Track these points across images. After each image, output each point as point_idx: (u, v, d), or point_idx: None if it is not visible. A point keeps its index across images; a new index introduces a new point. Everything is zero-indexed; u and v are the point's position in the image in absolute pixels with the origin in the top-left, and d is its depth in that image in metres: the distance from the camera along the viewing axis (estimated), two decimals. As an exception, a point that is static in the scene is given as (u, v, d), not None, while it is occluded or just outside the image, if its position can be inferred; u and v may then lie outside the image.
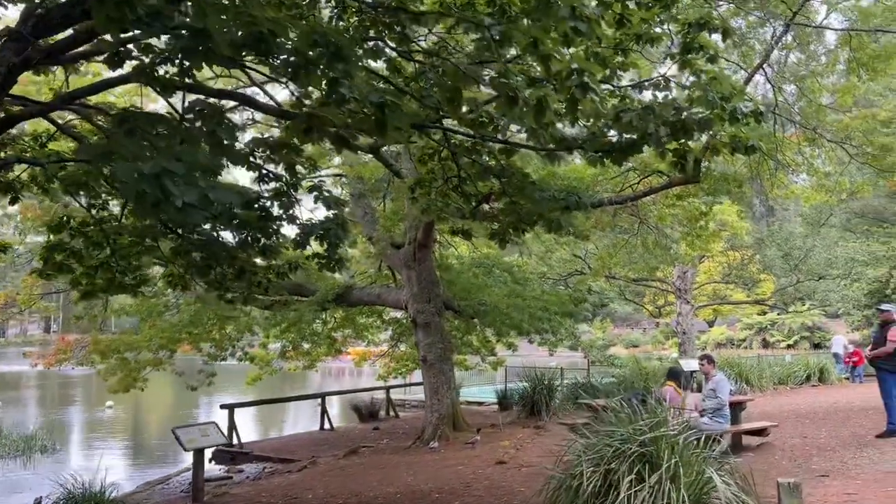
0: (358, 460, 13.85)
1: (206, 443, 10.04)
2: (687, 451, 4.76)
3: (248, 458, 16.37)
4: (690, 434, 4.93)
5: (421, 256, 15.44)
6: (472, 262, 21.48)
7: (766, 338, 62.35)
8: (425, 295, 15.21)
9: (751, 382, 18.83)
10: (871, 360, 9.89)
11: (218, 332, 16.67)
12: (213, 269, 9.00)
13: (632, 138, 7.10)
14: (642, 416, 4.96)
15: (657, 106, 7.00)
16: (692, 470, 4.62)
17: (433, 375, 15.00)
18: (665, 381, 9.47)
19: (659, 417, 4.94)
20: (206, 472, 15.83)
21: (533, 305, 17.49)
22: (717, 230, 20.31)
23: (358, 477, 11.58)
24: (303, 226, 8.12)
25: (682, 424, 5.04)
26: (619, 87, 7.54)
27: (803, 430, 10.81)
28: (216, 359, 16.59)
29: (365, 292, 16.90)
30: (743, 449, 9.72)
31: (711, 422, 9.20)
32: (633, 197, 13.33)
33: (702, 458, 4.79)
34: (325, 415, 19.62)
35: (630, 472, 4.56)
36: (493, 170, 7.21)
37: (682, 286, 24.30)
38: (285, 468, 14.43)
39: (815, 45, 13.36)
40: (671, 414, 8.35)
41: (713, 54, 6.97)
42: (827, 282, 32.70)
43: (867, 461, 7.56)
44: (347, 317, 18.64)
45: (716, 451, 4.97)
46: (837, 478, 6.74)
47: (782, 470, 7.64)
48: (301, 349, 18.57)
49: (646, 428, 4.78)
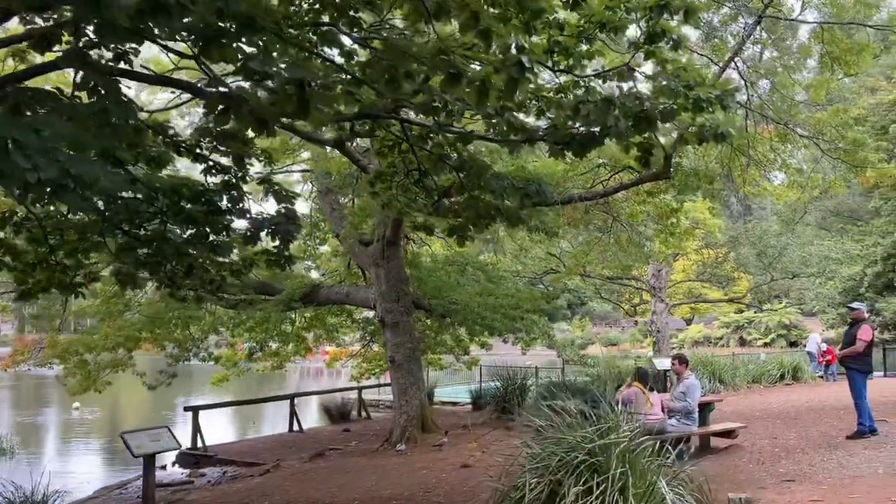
0: (323, 464, 13.48)
1: (156, 448, 9.62)
2: (639, 458, 4.46)
3: (213, 462, 15.94)
4: (644, 440, 4.62)
5: (390, 254, 15.08)
6: (446, 261, 21.16)
7: (742, 336, 62.75)
8: (394, 293, 14.85)
9: (724, 381, 18.67)
10: (842, 360, 9.68)
11: (181, 332, 16.20)
12: (163, 267, 8.62)
13: (592, 131, 6.82)
14: (593, 422, 4.65)
15: (619, 98, 6.73)
16: (643, 480, 4.32)
17: (402, 376, 14.66)
18: (631, 382, 9.21)
19: (610, 423, 4.63)
20: (168, 476, 15.50)
21: (505, 304, 17.22)
22: (691, 228, 20.15)
23: (320, 482, 11.21)
24: (252, 220, 7.77)
25: (635, 430, 4.73)
26: (582, 76, 7.23)
27: (773, 430, 10.60)
28: (179, 359, 16.11)
29: (333, 291, 16.51)
30: (711, 451, 9.49)
31: (679, 424, 8.94)
32: (604, 193, 13.07)
33: (655, 467, 4.48)
34: (295, 416, 19.19)
35: (577, 483, 4.26)
36: (449, 159, 6.88)
37: (656, 284, 24.14)
38: (248, 472, 14.03)
39: (789, 41, 13.16)
40: (633, 416, 8.09)
41: (676, 41, 6.69)
42: (802, 280, 32.78)
43: (835, 464, 7.33)
44: (316, 316, 18.22)
45: (670, 457, 4.66)
46: (804, 483, 6.49)
47: (748, 474, 7.39)
48: (269, 349, 18.15)
49: (594, 435, 4.48)
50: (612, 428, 4.58)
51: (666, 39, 6.82)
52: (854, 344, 9.33)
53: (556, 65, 7.08)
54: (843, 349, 9.62)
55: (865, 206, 34.33)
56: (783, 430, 10.50)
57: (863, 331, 9.35)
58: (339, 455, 14.55)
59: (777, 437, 9.77)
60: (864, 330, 9.37)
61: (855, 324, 9.58)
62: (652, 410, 8.70)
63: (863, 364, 9.41)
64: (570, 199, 12.74)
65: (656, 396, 8.99)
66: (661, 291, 24.27)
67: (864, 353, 9.37)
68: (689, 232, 19.48)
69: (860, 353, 9.33)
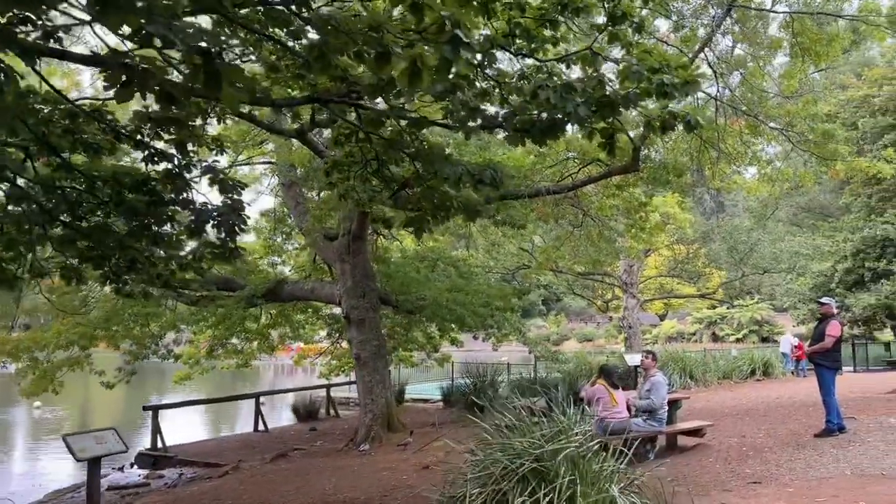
0: (284, 465, 13.07)
1: (101, 451, 9.14)
2: (592, 464, 4.14)
3: (172, 463, 15.48)
4: (596, 444, 4.30)
5: (356, 249, 14.68)
6: (416, 256, 20.82)
7: (715, 332, 63.21)
8: (359, 289, 14.46)
9: (695, 377, 18.55)
10: (810, 356, 9.47)
11: (139, 330, 15.67)
12: (108, 261, 8.19)
13: (553, 117, 6.50)
14: (543, 425, 4.32)
15: (581, 82, 6.43)
16: (595, 488, 4.00)
17: (367, 374, 14.28)
18: (595, 380, 8.92)
19: (560, 426, 4.31)
20: (125, 478, 15.01)
21: (475, 300, 16.91)
22: (662, 222, 19.98)
23: (277, 484, 10.81)
24: (196, 211, 7.35)
25: (588, 433, 4.41)
26: (545, 60, 6.91)
27: (742, 427, 10.40)
28: (137, 357, 15.58)
29: (298, 287, 16.06)
30: (678, 450, 9.25)
31: (645, 424, 8.68)
32: (572, 186, 12.79)
33: (609, 473, 4.17)
34: (260, 415, 18.74)
35: (522, 493, 3.93)
36: (401, 145, 6.53)
37: (628, 280, 23.96)
38: (207, 474, 13.61)
39: (761, 35, 12.97)
40: (593, 415, 7.80)
41: (639, 23, 6.41)
42: (773, 276, 32.85)
43: (803, 465, 7.10)
44: (281, 313, 17.76)
45: (622, 462, 4.35)
46: (769, 485, 6.24)
47: (714, 475, 7.13)
48: (231, 347, 17.69)
49: (542, 440, 4.15)
50: (563, 431, 4.26)
51: (629, 22, 6.56)
52: (823, 340, 9.13)
53: (519, 50, 6.78)
54: (812, 345, 9.42)
55: (836, 202, 34.53)
56: (752, 427, 10.30)
57: (832, 327, 9.15)
58: (303, 455, 14.16)
59: (745, 436, 9.55)
60: (833, 326, 9.17)
61: (824, 319, 9.39)
62: (616, 409, 8.43)
63: (832, 360, 9.21)
64: (537, 193, 12.45)
65: (621, 394, 8.71)
66: (633, 287, 24.11)
67: (833, 349, 9.17)
68: (659, 227, 19.30)
69: (829, 349, 9.13)
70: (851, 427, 9.05)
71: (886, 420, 9.42)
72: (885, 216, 30.36)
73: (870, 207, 31.60)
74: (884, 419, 9.51)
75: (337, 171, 8.35)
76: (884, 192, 30.91)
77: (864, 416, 9.89)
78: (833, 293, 32.10)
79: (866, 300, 30.90)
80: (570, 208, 15.68)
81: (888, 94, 29.91)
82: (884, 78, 30.46)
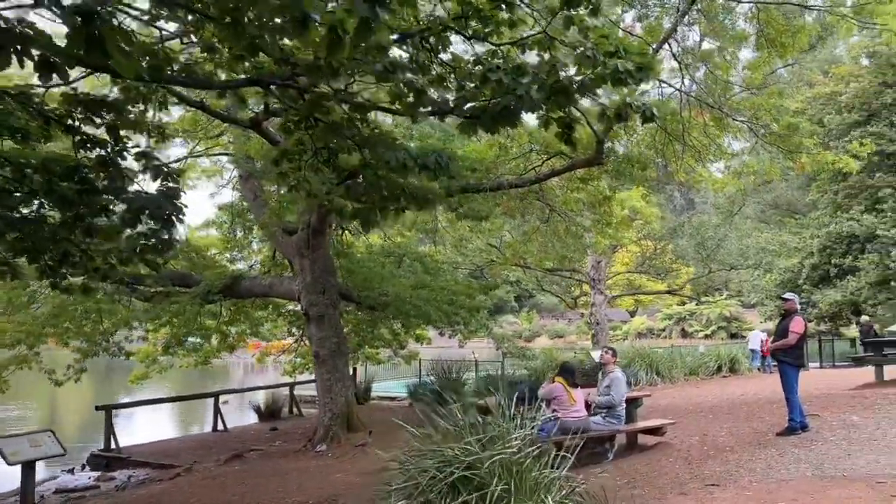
0: (239, 466, 12.65)
1: (35, 454, 8.67)
2: (529, 471, 3.82)
3: (125, 464, 14.95)
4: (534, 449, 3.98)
5: (315, 243, 14.25)
6: (382, 251, 20.44)
7: (684, 328, 63.66)
8: (319, 285, 14.05)
9: (662, 374, 18.44)
10: (773, 353, 9.27)
11: (91, 326, 15.10)
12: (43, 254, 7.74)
13: (506, 104, 6.19)
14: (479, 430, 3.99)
15: (534, 68, 6.13)
16: (532, 497, 3.68)
17: (326, 372, 13.89)
18: (553, 377, 8.64)
19: (495, 431, 3.99)
20: (74, 480, 14.44)
21: (441, 297, 16.59)
22: (628, 218, 19.84)
23: (227, 488, 10.41)
24: (128, 200, 6.92)
25: (526, 437, 4.09)
26: (499, 44, 6.59)
27: (705, 425, 10.20)
28: (87, 355, 14.99)
29: (256, 283, 15.59)
30: (638, 449, 9.01)
31: (604, 422, 8.43)
32: (536, 180, 12.50)
33: (548, 481, 3.86)
34: (219, 415, 18.23)
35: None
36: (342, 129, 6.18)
37: (596, 276, 23.80)
38: (159, 476, 13.13)
39: (728, 28, 12.78)
40: (552, 412, 7.52)
41: (595, 5, 6.10)
42: (741, 272, 32.98)
43: (763, 465, 6.88)
44: (240, 309, 17.26)
45: (564, 469, 4.03)
46: (728, 488, 5.99)
47: (672, 476, 6.88)
48: (190, 345, 17.16)
49: (476, 446, 3.83)
50: (499, 436, 3.94)
51: (585, 4, 6.27)
52: (786, 336, 8.95)
53: (475, 34, 6.46)
54: (775, 342, 9.22)
55: (803, 199, 34.79)
56: (715, 425, 10.10)
57: (795, 323, 8.97)
58: (259, 456, 13.74)
59: (707, 434, 9.34)
60: (797, 322, 8.99)
61: (787, 315, 9.20)
62: (574, 407, 8.16)
63: (795, 357, 9.02)
64: (500, 186, 12.14)
65: (580, 393, 8.44)
66: (601, 283, 23.96)
67: (796, 345, 8.99)
68: (625, 222, 19.14)
69: (793, 345, 8.95)
70: (815, 425, 8.88)
71: (849, 418, 9.27)
72: (850, 213, 30.62)
73: (836, 204, 31.86)
74: (847, 416, 9.37)
75: (287, 159, 7.94)
76: (850, 189, 31.17)
77: (828, 413, 9.74)
78: (800, 289, 32.34)
79: (832, 296, 31.16)
80: (537, 203, 15.42)
81: (854, 92, 30.14)
82: (850, 75, 30.71)
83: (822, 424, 9.00)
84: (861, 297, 30.29)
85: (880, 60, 30.34)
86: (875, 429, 8.42)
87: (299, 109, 6.85)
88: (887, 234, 28.04)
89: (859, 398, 11.06)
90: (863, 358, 16.93)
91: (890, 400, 10.39)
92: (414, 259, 20.66)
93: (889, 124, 29.70)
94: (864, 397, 11.11)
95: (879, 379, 14.29)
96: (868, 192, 30.58)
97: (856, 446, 7.47)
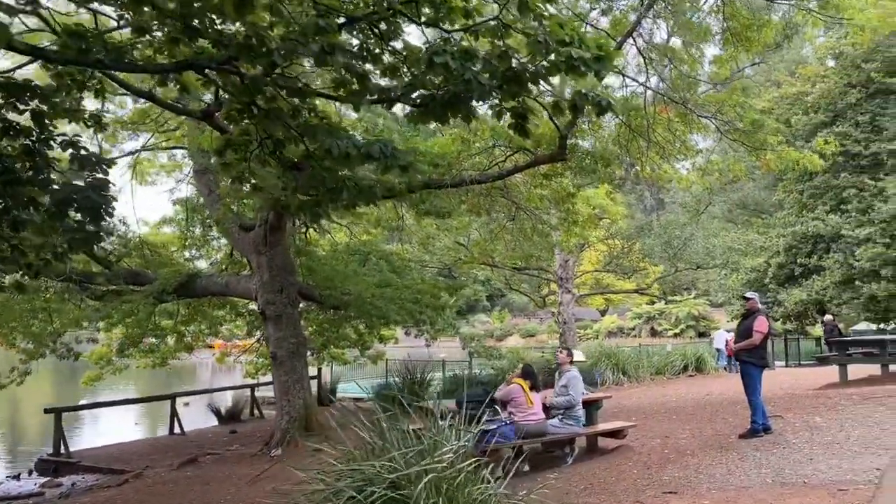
0: (190, 472, 12.19)
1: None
2: (464, 487, 3.50)
3: (74, 469, 14.40)
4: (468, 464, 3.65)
5: (273, 240, 13.80)
6: (347, 249, 20.00)
7: (654, 327, 64.00)
8: (276, 284, 13.61)
9: (628, 373, 18.29)
10: (736, 353, 9.05)
11: (39, 326, 14.49)
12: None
13: (455, 91, 5.87)
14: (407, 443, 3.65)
15: (485, 54, 5.82)
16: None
17: (284, 374, 13.46)
18: (511, 379, 8.34)
19: (424, 444, 3.66)
20: (18, 487, 13.84)
21: (405, 296, 16.23)
22: (595, 216, 19.66)
23: (175, 495, 9.97)
24: (52, 191, 6.49)
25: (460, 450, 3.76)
26: (452, 31, 6.26)
27: (668, 427, 9.98)
28: (33, 356, 14.39)
29: (212, 281, 15.08)
30: (599, 452, 8.75)
31: (562, 424, 8.15)
32: (499, 175, 12.21)
33: (485, 497, 3.54)
34: (176, 417, 17.69)
35: (374, 529, 3.27)
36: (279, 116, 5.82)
37: (563, 275, 23.61)
38: (107, 482, 12.62)
39: (694, 23, 12.60)
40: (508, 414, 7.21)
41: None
42: (708, 271, 33.06)
43: (723, 471, 6.64)
44: (197, 309, 16.72)
45: (501, 486, 3.72)
46: (685, 495, 5.73)
47: (629, 482, 6.61)
48: (147, 346, 16.59)
49: (401, 462, 3.50)
50: (428, 450, 3.61)
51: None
52: (750, 336, 8.74)
53: (426, 21, 6.14)
54: (738, 342, 9.00)
55: (770, 199, 35.01)
56: (677, 427, 9.89)
57: (759, 322, 8.76)
58: (214, 461, 13.29)
59: (669, 437, 9.12)
60: (761, 321, 8.79)
61: (749, 314, 9.00)
62: (531, 410, 7.87)
63: (758, 357, 8.82)
64: (462, 182, 11.82)
65: (538, 395, 8.16)
66: (569, 282, 23.77)
67: (760, 345, 8.79)
68: (592, 221, 18.96)
69: (756, 346, 8.75)
70: (777, 427, 8.70)
71: (812, 419, 9.10)
72: (816, 212, 30.84)
73: (802, 204, 32.08)
74: (810, 418, 9.19)
75: (232, 150, 7.52)
76: (815, 189, 31.40)
77: (791, 415, 9.57)
78: (766, 288, 32.52)
79: (798, 295, 31.36)
80: (502, 200, 15.13)
81: (820, 92, 30.34)
82: (816, 76, 30.91)
83: (786, 426, 8.82)
84: (826, 297, 30.53)
85: (845, 61, 30.60)
86: (838, 431, 8.25)
87: (239, 96, 6.47)
88: (852, 233, 28.27)
89: (823, 399, 10.93)
90: (827, 357, 16.92)
91: (853, 401, 10.26)
92: (380, 257, 20.25)
93: (854, 124, 29.95)
94: (827, 398, 10.99)
95: (843, 379, 14.22)
96: (833, 192, 30.83)
97: (818, 450, 7.27)
